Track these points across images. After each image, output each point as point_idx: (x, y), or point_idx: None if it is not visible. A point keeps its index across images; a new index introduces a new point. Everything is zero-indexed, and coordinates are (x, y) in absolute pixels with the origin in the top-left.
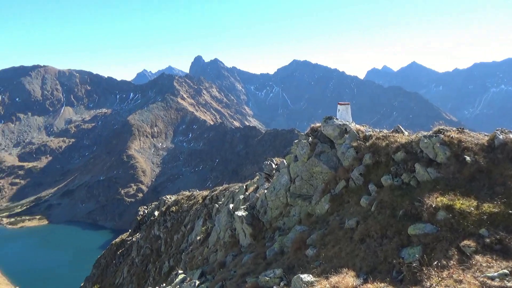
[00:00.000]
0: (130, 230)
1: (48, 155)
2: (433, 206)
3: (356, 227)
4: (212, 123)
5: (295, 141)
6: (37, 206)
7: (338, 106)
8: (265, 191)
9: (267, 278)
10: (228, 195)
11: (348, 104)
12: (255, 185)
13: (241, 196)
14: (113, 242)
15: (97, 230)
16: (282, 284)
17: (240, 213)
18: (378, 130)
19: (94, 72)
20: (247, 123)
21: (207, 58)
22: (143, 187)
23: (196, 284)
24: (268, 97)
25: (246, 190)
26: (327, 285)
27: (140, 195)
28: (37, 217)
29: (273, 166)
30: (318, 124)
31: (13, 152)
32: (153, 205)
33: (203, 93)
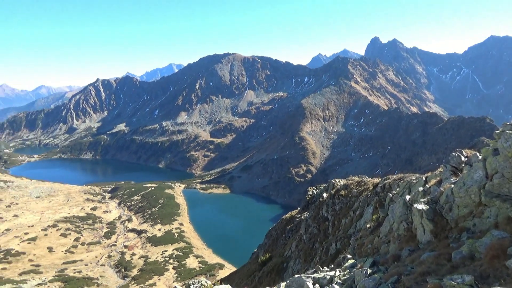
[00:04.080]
0: (299, 208)
1: (232, 133)
2: None
3: None
4: (386, 108)
5: (496, 131)
6: (222, 177)
7: None
8: (452, 185)
9: (453, 283)
10: (404, 186)
11: None
12: (438, 178)
13: (420, 188)
14: (283, 217)
15: (269, 203)
16: None
17: (420, 206)
18: None
19: (274, 58)
20: (427, 109)
21: (384, 39)
22: (312, 169)
23: (368, 273)
24: (454, 80)
25: (426, 182)
26: None
27: (309, 176)
28: (222, 186)
29: (462, 158)
30: None
31: (206, 129)
32: (321, 187)
33: (378, 77)
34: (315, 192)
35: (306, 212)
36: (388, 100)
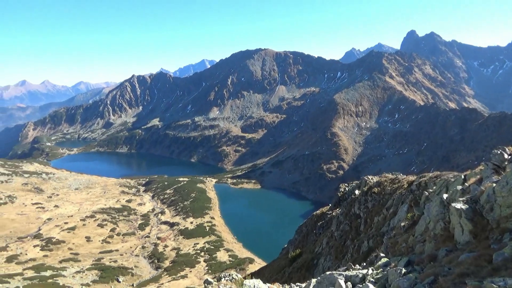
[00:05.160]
0: (330, 205)
1: (263, 128)
2: None
3: None
4: (422, 103)
5: None
6: (253, 172)
7: None
8: (494, 184)
9: (494, 286)
10: (441, 184)
11: None
12: (478, 176)
13: (459, 187)
14: (314, 213)
15: (300, 199)
16: None
17: (459, 205)
18: None
19: (306, 53)
20: (466, 105)
21: (421, 33)
22: (344, 165)
23: (403, 272)
24: (496, 74)
25: (465, 180)
26: None
27: (341, 172)
28: (253, 181)
29: (505, 156)
30: None
31: (238, 124)
32: (353, 184)
33: (414, 71)
34: (347, 189)
35: (337, 209)
36: (424, 95)
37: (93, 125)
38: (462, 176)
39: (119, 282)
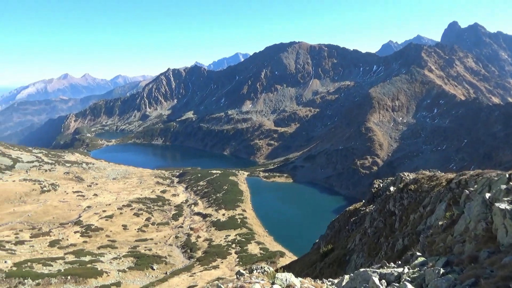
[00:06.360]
0: (364, 201)
1: (296, 122)
2: None
3: None
4: (463, 98)
5: None
6: (285, 166)
7: None
8: None
9: None
10: (483, 182)
11: None
12: None
13: (503, 186)
14: (347, 209)
15: (332, 194)
16: None
17: (503, 205)
18: None
19: (341, 46)
20: (511, 100)
21: (464, 24)
22: (379, 161)
23: (441, 272)
24: None
25: (510, 179)
26: None
27: (375, 168)
28: (285, 175)
29: None
30: None
31: (270, 118)
32: (388, 180)
33: (456, 64)
34: (381, 185)
35: (371, 205)
36: (466, 90)
37: (130, 117)
38: (507, 175)
39: (154, 269)
